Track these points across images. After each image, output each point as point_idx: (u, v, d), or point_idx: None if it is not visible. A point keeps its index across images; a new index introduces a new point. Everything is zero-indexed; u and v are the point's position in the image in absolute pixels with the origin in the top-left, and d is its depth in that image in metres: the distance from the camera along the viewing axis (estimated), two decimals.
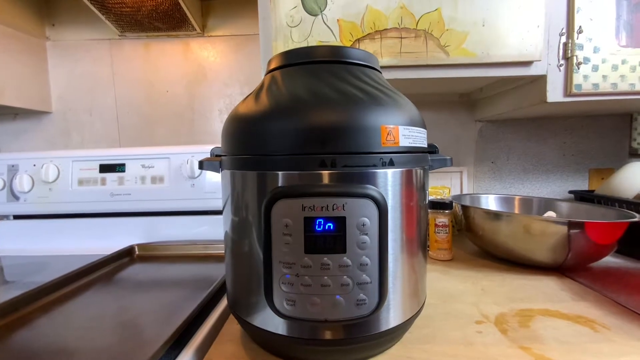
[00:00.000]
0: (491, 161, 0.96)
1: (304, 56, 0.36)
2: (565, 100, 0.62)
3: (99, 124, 0.99)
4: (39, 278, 0.61)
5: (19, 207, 0.79)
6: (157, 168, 0.78)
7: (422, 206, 0.36)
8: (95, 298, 0.52)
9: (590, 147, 0.95)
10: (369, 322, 0.32)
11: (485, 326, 0.41)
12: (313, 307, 0.30)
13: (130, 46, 0.96)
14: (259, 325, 0.34)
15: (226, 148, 0.36)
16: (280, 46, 0.60)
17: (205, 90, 0.98)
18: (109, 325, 0.43)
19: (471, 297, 0.49)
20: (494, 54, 0.59)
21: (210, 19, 0.95)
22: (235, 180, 0.35)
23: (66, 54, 0.97)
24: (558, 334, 0.39)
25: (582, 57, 0.61)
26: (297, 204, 0.29)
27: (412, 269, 0.35)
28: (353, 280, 0.30)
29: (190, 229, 0.79)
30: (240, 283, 0.36)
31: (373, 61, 0.38)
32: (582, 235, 0.54)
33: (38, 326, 0.43)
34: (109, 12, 0.83)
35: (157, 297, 0.52)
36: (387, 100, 0.32)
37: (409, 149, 0.33)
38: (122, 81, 0.98)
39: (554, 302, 0.47)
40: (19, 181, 0.77)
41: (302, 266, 0.30)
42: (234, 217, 0.35)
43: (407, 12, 0.59)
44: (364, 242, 0.29)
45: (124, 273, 0.63)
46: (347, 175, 0.30)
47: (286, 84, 0.34)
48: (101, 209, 0.79)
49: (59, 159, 0.79)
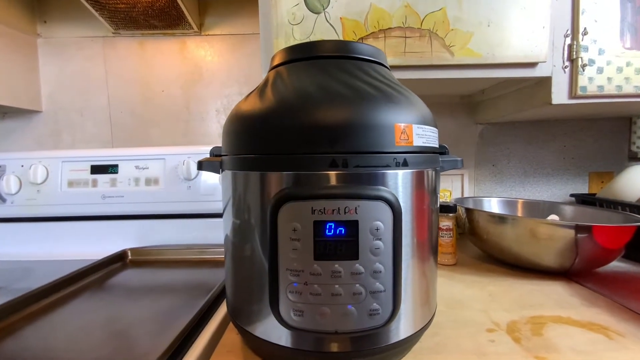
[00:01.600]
0: (492, 164, 0.95)
1: (311, 51, 0.34)
2: (570, 103, 0.61)
3: (91, 124, 0.96)
4: (26, 284, 0.58)
5: (6, 210, 0.76)
6: (152, 169, 0.75)
7: (433, 209, 0.34)
8: (86, 306, 0.49)
9: (589, 151, 0.95)
10: (380, 333, 0.30)
11: (498, 334, 0.39)
12: (323, 317, 0.28)
13: (125, 44, 0.94)
14: (261, 335, 0.31)
15: (228, 147, 0.34)
16: (282, 44, 0.58)
17: (202, 91, 0.95)
18: (101, 336, 0.40)
19: (479, 304, 0.48)
20: (500, 54, 0.59)
21: (207, 17, 0.93)
22: (237, 182, 0.33)
23: (58, 51, 0.94)
24: (573, 343, 0.38)
25: (587, 59, 0.60)
26: (306, 206, 0.27)
27: (424, 276, 0.33)
28: (366, 289, 0.28)
29: (185, 233, 0.77)
30: (241, 291, 0.34)
31: (382, 57, 0.36)
32: (589, 239, 0.53)
33: (23, 337, 0.41)
34: (103, 9, 0.80)
35: (152, 304, 0.49)
36: (399, 98, 0.31)
37: (423, 149, 0.31)
38: (116, 80, 0.95)
39: (564, 309, 0.46)
40: (5, 182, 0.74)
41: (311, 274, 0.27)
42: (236, 221, 0.33)
43: (412, 11, 0.58)
44: (377, 248, 0.28)
45: (116, 279, 0.61)
46: (359, 176, 0.28)
47: (292, 79, 0.32)
48: (92, 211, 0.75)
49: (48, 160, 0.76)
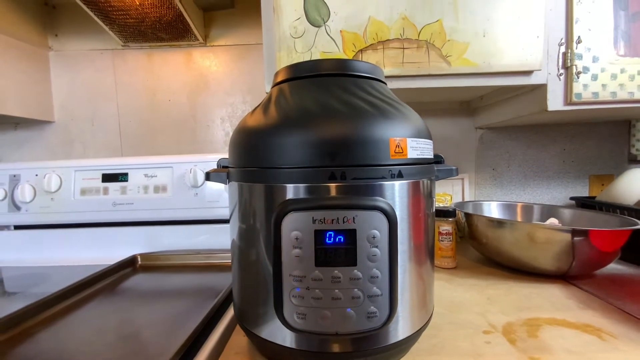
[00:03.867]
0: (492, 168, 0.97)
1: (312, 69, 0.36)
2: (565, 109, 0.63)
3: (101, 133, 0.99)
4: (41, 289, 0.61)
5: (21, 217, 0.79)
6: (160, 177, 0.78)
7: (429, 217, 0.36)
8: (99, 310, 0.51)
9: (589, 154, 0.96)
10: (379, 334, 0.31)
11: (494, 336, 0.41)
12: (324, 320, 0.30)
13: (133, 56, 0.97)
14: (267, 337, 0.33)
15: (234, 160, 0.36)
16: (284, 57, 0.61)
17: (207, 99, 0.98)
18: (113, 339, 0.42)
19: (477, 306, 0.49)
20: (495, 63, 0.60)
21: (212, 29, 0.96)
22: (243, 193, 0.35)
23: (69, 63, 0.97)
24: (567, 344, 0.39)
25: (581, 67, 0.62)
26: (307, 216, 0.29)
27: (420, 280, 0.35)
28: (364, 293, 0.30)
29: (192, 238, 0.79)
30: (248, 295, 0.36)
31: (379, 73, 0.38)
32: (586, 243, 0.54)
33: (40, 341, 0.43)
34: (112, 23, 0.83)
35: (161, 308, 0.51)
36: (394, 113, 0.33)
37: (417, 161, 0.33)
38: (125, 90, 0.98)
39: (560, 311, 0.47)
40: (20, 191, 0.77)
41: (312, 279, 0.30)
42: (242, 229, 0.35)
43: (409, 23, 0.60)
44: (374, 255, 0.29)
45: (127, 283, 0.63)
46: (356, 188, 0.30)
47: (294, 96, 0.34)
48: (103, 218, 0.78)
49: (61, 169, 0.79)
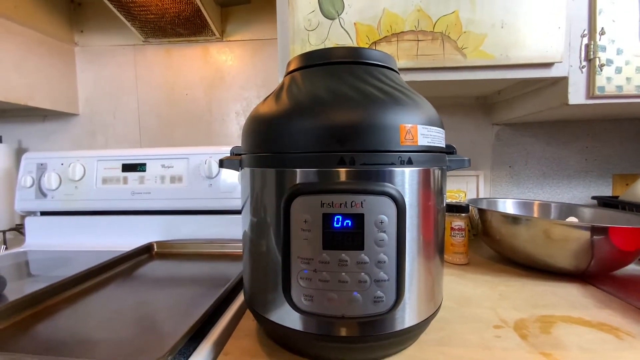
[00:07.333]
0: (509, 165, 0.94)
1: (323, 57, 0.36)
2: (587, 103, 0.61)
3: (122, 126, 1.03)
4: (63, 272, 0.64)
5: (47, 204, 0.83)
6: (176, 168, 0.80)
7: (439, 206, 0.36)
8: (116, 292, 0.54)
9: (613, 152, 0.92)
10: (385, 320, 0.32)
11: (504, 331, 0.40)
12: (330, 302, 0.30)
13: (153, 51, 1.00)
14: (275, 320, 0.34)
15: (246, 146, 0.37)
16: (298, 49, 0.61)
17: (223, 93, 1.00)
18: (130, 318, 0.44)
19: (489, 302, 0.49)
20: (514, 55, 0.59)
21: (229, 24, 0.98)
22: (255, 178, 0.36)
23: (93, 59, 1.01)
24: (581, 341, 0.38)
25: (604, 59, 0.59)
26: (316, 200, 0.30)
27: (428, 268, 0.35)
28: (370, 277, 0.30)
29: (206, 228, 0.81)
30: (258, 279, 0.37)
31: (391, 62, 0.38)
32: (605, 241, 0.52)
33: (62, 317, 0.45)
34: (134, 19, 0.86)
35: (175, 292, 0.53)
36: (405, 100, 0.33)
37: (427, 148, 0.33)
38: (145, 85, 1.01)
39: (576, 309, 0.46)
40: (47, 179, 0.81)
41: (320, 262, 0.30)
42: (253, 214, 0.36)
43: (424, 14, 0.59)
44: (381, 240, 0.30)
45: (143, 269, 0.65)
46: (365, 173, 0.30)
47: (306, 84, 0.35)
48: (123, 206, 0.81)
49: (85, 159, 0.83)
